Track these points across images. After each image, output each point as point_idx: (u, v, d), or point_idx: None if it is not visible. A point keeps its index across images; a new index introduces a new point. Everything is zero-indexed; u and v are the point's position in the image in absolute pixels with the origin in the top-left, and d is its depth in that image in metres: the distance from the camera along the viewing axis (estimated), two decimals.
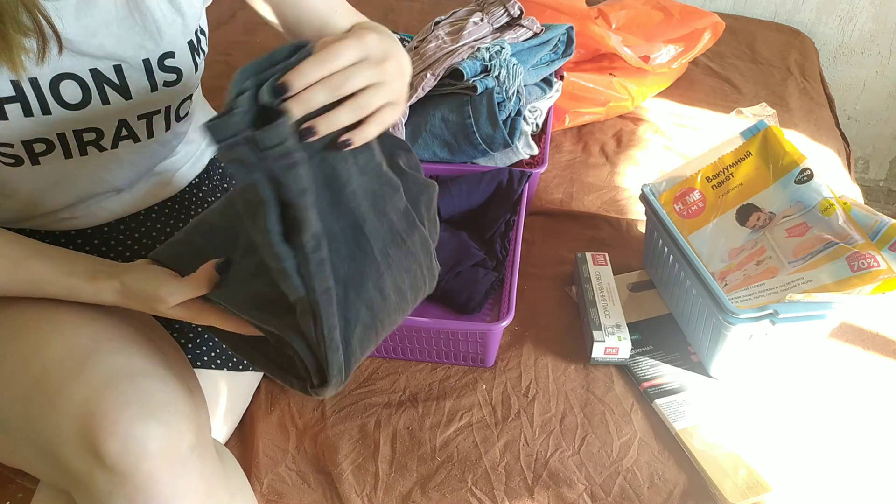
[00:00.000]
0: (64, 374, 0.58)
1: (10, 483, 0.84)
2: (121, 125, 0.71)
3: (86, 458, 0.55)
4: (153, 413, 0.56)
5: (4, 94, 0.61)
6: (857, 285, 0.73)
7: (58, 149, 0.67)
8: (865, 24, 1.68)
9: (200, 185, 0.86)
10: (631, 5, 1.45)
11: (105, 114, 0.68)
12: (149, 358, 0.62)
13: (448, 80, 1.06)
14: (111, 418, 0.54)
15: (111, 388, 0.56)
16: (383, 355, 0.88)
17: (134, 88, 0.68)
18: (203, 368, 0.78)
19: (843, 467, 0.76)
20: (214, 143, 0.46)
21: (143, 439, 0.54)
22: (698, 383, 0.84)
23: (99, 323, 0.64)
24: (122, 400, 0.55)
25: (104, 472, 0.55)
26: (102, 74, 0.66)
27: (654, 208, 0.89)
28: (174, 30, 0.70)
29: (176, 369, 0.64)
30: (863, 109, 1.80)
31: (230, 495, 0.64)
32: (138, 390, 0.57)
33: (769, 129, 0.88)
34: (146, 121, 0.73)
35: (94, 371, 0.58)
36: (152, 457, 0.55)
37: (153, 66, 0.69)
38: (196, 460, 0.58)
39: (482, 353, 0.85)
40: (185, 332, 0.79)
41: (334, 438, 0.80)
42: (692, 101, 1.39)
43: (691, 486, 0.75)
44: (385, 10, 1.76)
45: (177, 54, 0.70)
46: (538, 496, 0.75)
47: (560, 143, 1.27)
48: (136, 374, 0.58)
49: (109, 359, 0.59)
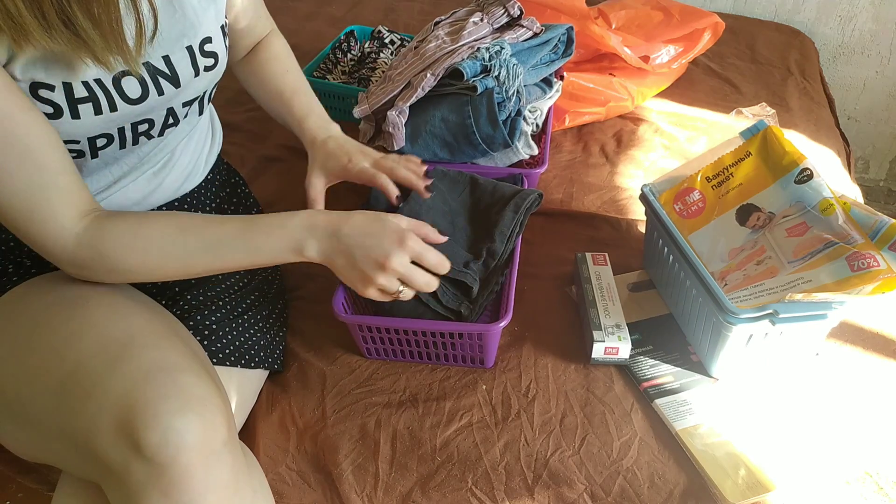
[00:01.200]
0: (100, 367, 0.59)
1: (10, 483, 0.84)
2: (168, 113, 0.73)
3: (123, 449, 0.56)
4: (191, 407, 0.57)
5: (79, 94, 0.63)
6: (857, 285, 0.73)
7: (116, 141, 0.70)
8: (865, 24, 1.68)
9: (213, 180, 0.88)
10: (631, 5, 1.45)
11: (158, 104, 0.71)
12: (182, 353, 0.63)
13: (448, 80, 1.06)
14: (151, 411, 0.56)
15: (149, 381, 0.58)
16: (382, 358, 0.88)
17: (182, 76, 0.71)
18: (217, 365, 0.79)
19: (843, 467, 0.76)
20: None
21: (182, 432, 0.56)
22: (698, 383, 0.84)
23: (131, 318, 0.66)
24: (161, 393, 0.57)
25: (142, 464, 0.56)
26: (154, 66, 0.69)
27: (654, 208, 0.89)
28: (209, 14, 0.73)
29: (206, 364, 0.66)
30: (863, 109, 1.80)
31: (253, 491, 0.65)
32: (176, 384, 0.58)
33: (769, 129, 0.88)
34: (188, 107, 0.76)
35: (130, 365, 0.59)
36: (189, 449, 0.56)
37: (196, 53, 0.72)
38: (228, 455, 0.60)
39: (481, 353, 0.85)
40: (200, 330, 0.80)
41: (334, 438, 0.80)
42: (692, 101, 1.39)
43: (691, 486, 0.75)
44: (385, 10, 1.76)
45: (213, 39, 0.73)
46: (538, 496, 0.75)
47: (560, 143, 1.27)
48: (172, 369, 0.60)
49: (145, 353, 0.61)
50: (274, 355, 0.86)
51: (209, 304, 0.82)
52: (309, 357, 0.89)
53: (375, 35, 1.44)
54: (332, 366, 0.88)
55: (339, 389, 0.85)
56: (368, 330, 0.83)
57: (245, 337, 0.83)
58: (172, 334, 0.67)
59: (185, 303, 0.81)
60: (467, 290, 0.83)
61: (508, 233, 0.88)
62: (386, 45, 1.43)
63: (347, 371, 0.87)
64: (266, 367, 0.84)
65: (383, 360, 0.88)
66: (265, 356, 0.84)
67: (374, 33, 1.45)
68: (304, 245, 0.71)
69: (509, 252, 0.89)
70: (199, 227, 0.71)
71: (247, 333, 0.83)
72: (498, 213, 0.90)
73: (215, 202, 0.88)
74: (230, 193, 0.92)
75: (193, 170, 0.84)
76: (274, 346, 0.87)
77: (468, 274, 0.83)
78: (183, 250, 0.69)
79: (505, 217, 0.89)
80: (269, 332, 0.87)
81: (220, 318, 0.82)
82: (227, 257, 0.71)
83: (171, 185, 0.81)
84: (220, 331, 0.80)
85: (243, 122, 1.32)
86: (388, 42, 1.43)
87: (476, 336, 0.82)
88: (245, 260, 0.71)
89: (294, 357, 0.89)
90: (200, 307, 0.81)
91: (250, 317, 0.85)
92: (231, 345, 0.81)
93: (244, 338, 0.82)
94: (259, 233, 0.71)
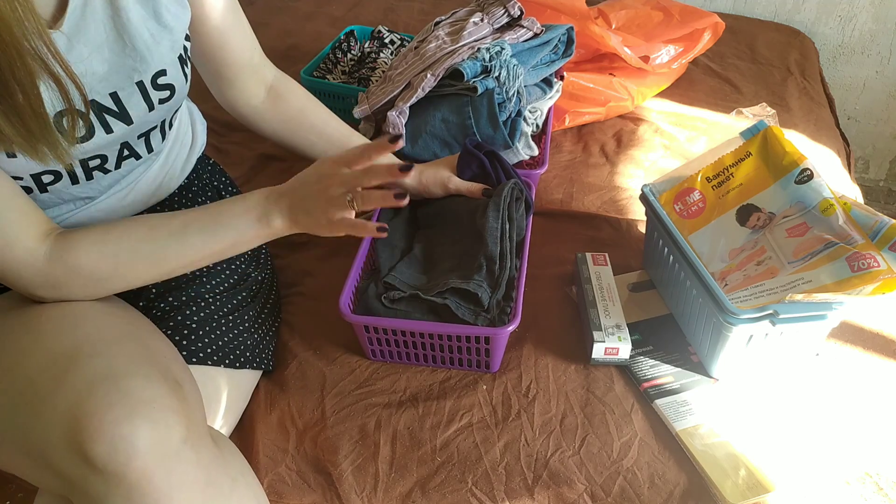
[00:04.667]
0: (48, 383, 0.58)
1: (9, 483, 0.84)
2: (123, 147, 0.71)
3: (77, 463, 0.55)
4: (138, 411, 0.56)
5: None
6: (857, 285, 0.73)
7: (65, 178, 0.68)
8: (865, 24, 1.68)
9: (190, 186, 0.86)
10: (631, 5, 1.45)
11: (109, 142, 0.68)
12: (132, 357, 0.62)
13: (448, 80, 1.06)
14: (95, 422, 0.55)
15: (93, 391, 0.56)
16: (385, 360, 0.88)
17: (133, 113, 0.69)
18: (200, 364, 0.78)
19: (843, 467, 0.76)
20: None
21: (130, 438, 0.55)
22: (698, 384, 0.84)
23: (80, 328, 0.65)
24: (104, 402, 0.56)
25: (97, 476, 0.55)
26: (100, 104, 0.66)
27: (654, 208, 0.89)
28: (163, 47, 0.69)
29: (162, 364, 0.64)
30: (863, 109, 1.80)
31: (232, 480, 0.64)
32: (120, 391, 0.57)
33: (769, 130, 0.88)
34: (145, 138, 0.73)
35: (75, 377, 0.58)
36: (142, 455, 0.55)
37: (147, 88, 0.69)
38: (190, 451, 0.58)
39: (488, 358, 0.84)
40: (180, 329, 0.79)
41: (334, 439, 0.80)
42: (692, 101, 1.39)
43: (691, 486, 0.75)
44: (385, 10, 1.76)
45: (168, 71, 0.70)
46: (538, 496, 0.75)
47: (560, 143, 1.27)
48: (117, 376, 0.58)
49: (90, 363, 0.59)
50: (262, 356, 0.85)
51: (191, 305, 0.81)
52: (308, 357, 0.89)
53: (375, 35, 1.44)
54: (332, 366, 0.88)
55: (339, 390, 0.85)
56: (374, 331, 0.83)
57: (230, 337, 0.82)
58: (124, 338, 0.65)
59: (165, 304, 0.81)
60: (479, 301, 0.82)
61: (499, 233, 0.86)
62: (386, 45, 1.43)
63: (347, 371, 0.87)
64: (253, 367, 0.84)
65: (385, 362, 0.88)
66: (252, 356, 0.83)
67: (374, 33, 1.45)
68: (268, 212, 0.71)
69: (516, 251, 0.87)
70: (164, 219, 0.70)
71: (232, 333, 0.82)
72: (482, 216, 0.88)
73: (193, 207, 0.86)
74: (213, 197, 0.90)
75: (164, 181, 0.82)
76: (263, 347, 0.86)
77: (472, 282, 0.82)
78: (152, 246, 0.69)
79: (489, 218, 0.87)
80: (257, 332, 0.86)
81: (202, 318, 0.81)
82: (196, 242, 0.70)
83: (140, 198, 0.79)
84: (200, 330, 0.80)
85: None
86: (388, 42, 1.43)
87: (483, 339, 0.81)
88: (214, 241, 0.70)
89: (293, 357, 0.89)
90: (182, 307, 0.81)
91: (237, 317, 0.84)
92: (214, 344, 0.80)
93: (229, 338, 0.82)
94: (224, 211, 0.71)
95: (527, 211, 0.93)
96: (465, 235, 0.90)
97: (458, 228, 0.92)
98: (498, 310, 0.83)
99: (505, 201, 0.88)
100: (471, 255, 0.87)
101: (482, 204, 0.90)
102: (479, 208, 0.90)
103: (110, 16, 0.65)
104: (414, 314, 0.83)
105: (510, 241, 0.87)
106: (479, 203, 0.91)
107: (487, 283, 0.83)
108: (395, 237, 0.94)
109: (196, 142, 0.87)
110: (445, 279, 0.84)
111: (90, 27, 0.64)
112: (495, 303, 0.82)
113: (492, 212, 0.87)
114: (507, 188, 0.89)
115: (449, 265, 0.88)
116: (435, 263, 0.90)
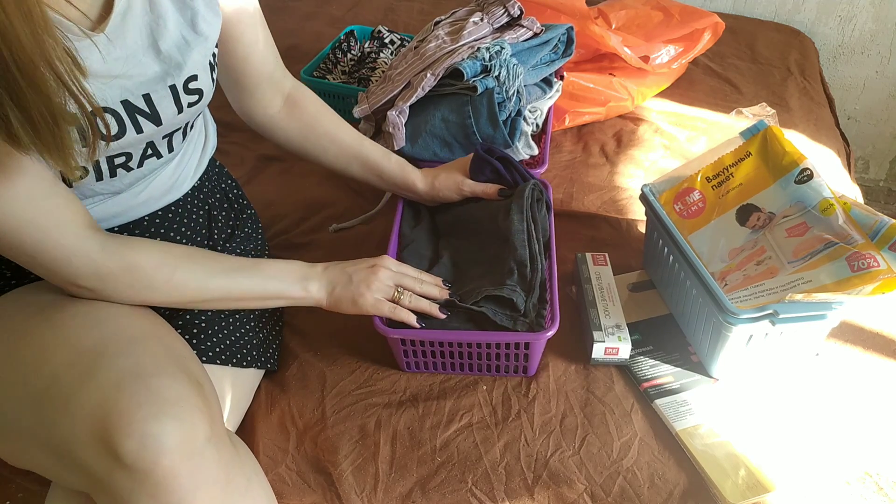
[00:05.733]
0: (74, 380, 0.59)
1: (9, 483, 0.84)
2: (147, 146, 0.73)
3: (104, 459, 0.56)
4: (166, 410, 0.57)
5: None
6: (857, 285, 0.73)
7: (91, 174, 0.69)
8: (865, 24, 1.68)
9: (201, 188, 0.87)
10: (631, 5, 1.45)
11: (136, 140, 0.70)
12: (156, 356, 0.63)
13: (448, 80, 1.06)
14: (126, 420, 0.56)
15: (122, 389, 0.58)
16: (422, 371, 0.87)
17: (163, 114, 0.70)
18: (208, 364, 0.78)
19: (843, 467, 0.76)
20: None
21: (159, 436, 0.56)
22: (698, 383, 0.84)
23: (103, 326, 0.66)
24: (134, 400, 0.57)
25: (124, 472, 0.56)
26: (133, 105, 0.67)
27: (654, 208, 0.89)
28: (196, 53, 0.72)
29: (184, 364, 0.65)
30: (863, 109, 1.80)
31: (247, 480, 0.66)
32: (149, 389, 0.58)
33: (769, 129, 0.88)
34: (168, 138, 0.75)
35: (103, 375, 0.59)
36: (170, 452, 0.56)
37: (179, 91, 0.71)
38: (213, 451, 0.60)
39: (525, 363, 0.83)
40: (189, 329, 0.79)
41: (334, 439, 0.80)
42: (692, 101, 1.39)
43: (691, 486, 0.75)
44: (385, 10, 1.76)
45: (199, 76, 0.72)
46: (538, 496, 0.75)
47: (560, 143, 1.27)
48: (145, 374, 0.60)
49: (118, 361, 0.61)
50: (267, 354, 0.86)
51: None
52: (309, 357, 0.89)
53: (375, 35, 1.44)
54: (333, 366, 0.88)
55: (339, 390, 0.85)
56: (412, 344, 0.82)
57: (237, 336, 0.83)
58: (147, 337, 0.66)
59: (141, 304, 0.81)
60: (515, 307, 0.81)
61: (525, 236, 0.85)
62: (386, 45, 1.43)
63: (347, 371, 0.87)
64: (259, 367, 0.84)
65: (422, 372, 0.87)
66: (258, 355, 0.84)
67: (374, 33, 1.45)
68: (308, 277, 0.80)
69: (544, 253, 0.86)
70: (217, 255, 0.78)
71: (238, 332, 0.83)
72: (505, 219, 0.87)
73: (204, 209, 0.87)
74: (221, 199, 0.91)
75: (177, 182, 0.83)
76: (267, 346, 0.87)
77: (506, 287, 0.81)
78: (204, 270, 0.74)
79: (513, 221, 0.86)
80: (262, 331, 0.86)
81: (209, 316, 0.81)
82: (243, 283, 0.76)
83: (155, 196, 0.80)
84: (209, 329, 0.80)
85: (243, 121, 1.31)
86: (387, 42, 1.43)
87: (523, 345, 0.81)
88: (257, 286, 0.77)
89: (294, 357, 0.89)
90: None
91: (242, 316, 0.85)
92: (221, 343, 0.80)
93: (235, 337, 0.82)
94: (271, 265, 0.80)
95: (547, 211, 0.92)
96: (489, 240, 0.89)
97: (481, 234, 0.91)
98: (534, 313, 0.81)
99: (527, 202, 0.87)
100: (499, 260, 0.86)
101: (502, 207, 0.89)
102: (500, 211, 0.89)
103: (148, 22, 0.67)
104: (450, 324, 0.82)
105: (538, 242, 0.86)
106: (499, 206, 0.90)
107: (521, 287, 0.82)
108: (421, 246, 0.93)
109: (208, 143, 0.88)
110: (478, 286, 0.83)
111: (130, 31, 0.66)
112: (531, 306, 0.81)
113: (515, 214, 0.86)
114: (527, 189, 0.88)
115: (478, 271, 0.87)
116: (463, 271, 0.89)
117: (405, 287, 0.81)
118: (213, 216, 0.88)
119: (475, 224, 0.93)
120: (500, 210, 0.89)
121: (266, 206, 1.09)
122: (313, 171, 1.19)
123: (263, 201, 1.08)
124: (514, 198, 0.89)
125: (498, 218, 0.89)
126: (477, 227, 0.92)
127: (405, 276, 0.82)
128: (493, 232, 0.89)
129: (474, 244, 0.91)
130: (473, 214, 0.94)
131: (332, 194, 1.15)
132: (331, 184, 1.17)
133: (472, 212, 0.94)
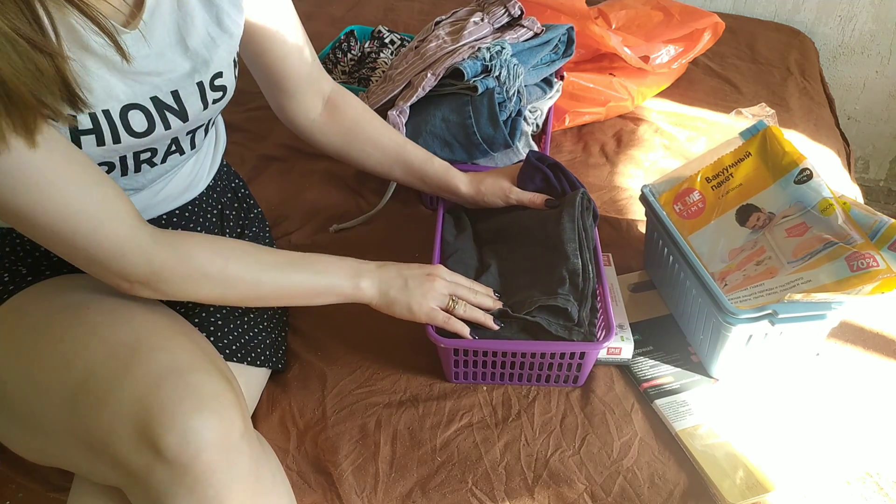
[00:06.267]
0: (111, 374, 0.60)
1: (10, 483, 0.84)
2: (172, 142, 0.73)
3: (144, 454, 0.57)
4: (206, 405, 0.58)
5: (83, 126, 0.63)
6: (857, 285, 0.73)
7: (117, 168, 0.70)
8: (865, 24, 1.68)
9: (215, 187, 0.87)
10: (631, 5, 1.45)
11: (163, 136, 0.70)
12: (190, 352, 0.64)
13: (448, 79, 1.06)
14: (167, 414, 0.57)
15: (162, 384, 0.58)
16: (470, 381, 0.85)
17: (191, 111, 0.71)
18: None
19: (843, 467, 0.76)
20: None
21: (200, 431, 0.57)
22: (698, 384, 0.84)
23: (134, 321, 0.66)
24: (175, 395, 0.58)
25: (163, 466, 0.57)
26: (162, 101, 0.68)
27: (654, 209, 0.89)
28: (222, 50, 0.72)
29: (214, 360, 0.66)
30: (863, 109, 1.80)
31: (272, 475, 0.67)
32: (189, 385, 0.59)
33: (769, 130, 0.88)
34: (192, 135, 0.75)
35: (141, 369, 0.60)
36: (210, 447, 0.57)
37: (206, 88, 0.72)
38: (245, 446, 0.61)
39: (577, 372, 0.83)
40: (205, 326, 0.80)
41: (334, 439, 0.80)
42: (692, 101, 1.39)
43: (691, 486, 0.75)
44: (385, 10, 1.76)
45: (224, 73, 0.73)
46: (538, 496, 0.75)
47: (560, 143, 1.27)
48: (183, 370, 0.60)
49: (154, 356, 0.61)
50: (277, 354, 0.86)
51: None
52: (309, 357, 0.89)
53: (375, 35, 1.44)
54: (333, 366, 0.88)
55: (340, 390, 0.85)
56: (464, 353, 0.81)
57: (251, 335, 0.83)
58: (178, 334, 0.67)
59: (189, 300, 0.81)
60: (569, 316, 0.79)
61: (576, 245, 0.84)
62: (386, 45, 1.43)
63: (348, 371, 0.87)
64: (270, 366, 0.85)
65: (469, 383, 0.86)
66: (270, 355, 0.84)
67: (374, 33, 1.45)
68: (361, 273, 0.78)
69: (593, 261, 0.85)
70: (265, 248, 0.76)
71: (252, 332, 0.83)
72: (555, 227, 0.86)
73: (217, 208, 0.87)
74: (231, 198, 0.92)
75: (195, 180, 0.83)
76: (277, 346, 0.87)
77: (559, 297, 0.79)
78: (257, 263, 0.73)
79: (565, 230, 0.85)
80: (273, 331, 0.87)
81: (224, 314, 0.82)
82: (295, 278, 0.75)
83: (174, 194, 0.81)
84: (225, 327, 0.81)
85: (243, 121, 1.32)
86: (388, 42, 1.43)
87: (578, 355, 0.80)
88: (309, 280, 0.76)
89: (295, 357, 0.89)
90: (205, 304, 0.81)
91: (255, 315, 0.85)
92: (237, 341, 0.81)
93: (249, 336, 0.83)
94: (321, 260, 0.78)
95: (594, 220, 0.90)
96: (537, 249, 0.88)
97: (528, 242, 0.90)
98: (587, 322, 0.80)
99: (578, 210, 0.87)
100: (549, 269, 0.84)
101: (552, 216, 0.88)
102: (550, 220, 0.88)
103: (176, 19, 0.68)
104: (502, 333, 0.80)
105: (589, 251, 0.85)
106: (548, 215, 0.89)
107: (573, 296, 0.80)
108: (466, 255, 0.91)
109: (219, 141, 0.89)
110: (529, 296, 0.82)
111: (158, 29, 0.66)
112: (584, 315, 0.80)
113: (567, 223, 0.85)
114: (577, 198, 0.87)
115: (525, 280, 0.86)
116: (510, 279, 0.87)
117: (459, 297, 0.80)
118: (224, 215, 0.89)
119: (522, 232, 0.91)
120: (549, 218, 0.88)
121: (268, 207, 1.09)
122: (314, 172, 1.19)
123: (265, 201, 1.08)
124: (565, 206, 0.88)
125: (547, 226, 0.88)
126: (523, 235, 0.91)
127: (459, 286, 0.81)
128: (542, 240, 0.88)
129: (520, 253, 0.90)
130: (520, 222, 0.92)
131: (333, 194, 1.15)
132: (331, 184, 1.17)
133: (519, 220, 0.92)
